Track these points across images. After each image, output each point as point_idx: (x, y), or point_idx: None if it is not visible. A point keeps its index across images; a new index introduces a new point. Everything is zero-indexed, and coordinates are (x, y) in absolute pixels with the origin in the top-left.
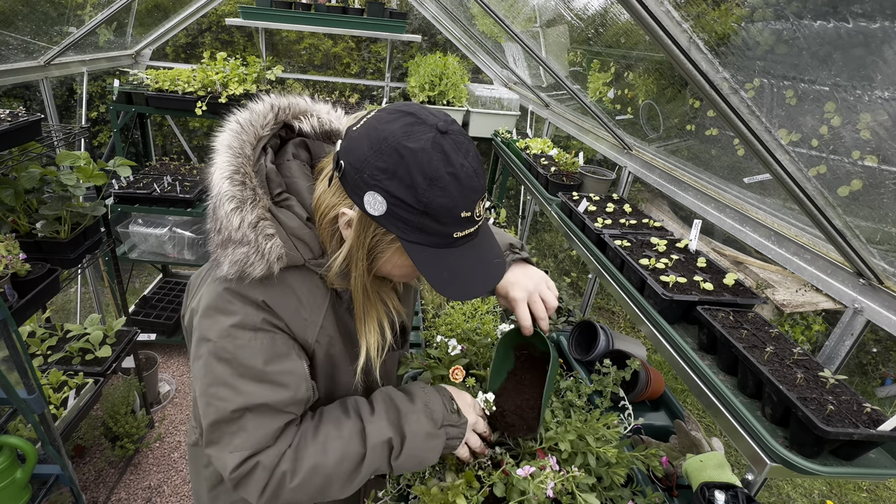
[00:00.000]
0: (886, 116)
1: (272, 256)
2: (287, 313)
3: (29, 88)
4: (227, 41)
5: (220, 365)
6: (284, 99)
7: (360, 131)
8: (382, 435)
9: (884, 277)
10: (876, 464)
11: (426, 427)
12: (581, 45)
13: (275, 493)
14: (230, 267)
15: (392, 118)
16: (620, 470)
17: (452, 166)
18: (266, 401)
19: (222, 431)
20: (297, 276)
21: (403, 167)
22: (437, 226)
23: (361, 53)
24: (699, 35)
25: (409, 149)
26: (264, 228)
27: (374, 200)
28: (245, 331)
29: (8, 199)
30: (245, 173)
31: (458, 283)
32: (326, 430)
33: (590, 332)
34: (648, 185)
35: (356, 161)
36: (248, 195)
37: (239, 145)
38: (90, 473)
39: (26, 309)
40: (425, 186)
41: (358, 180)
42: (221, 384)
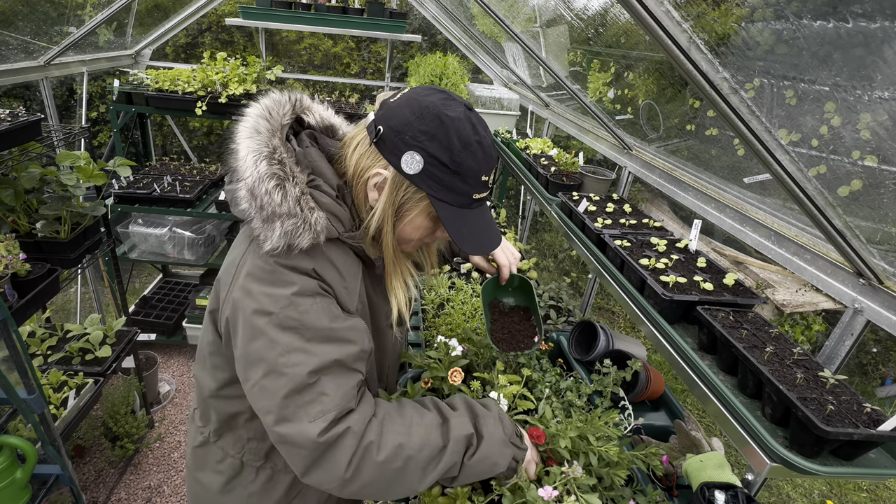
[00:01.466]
0: (886, 116)
1: (318, 227)
2: (332, 282)
3: (29, 88)
4: (227, 41)
5: (286, 334)
6: (295, 93)
7: (399, 102)
8: (465, 429)
9: (884, 277)
10: (876, 464)
11: (501, 434)
12: (581, 45)
13: (360, 465)
14: (279, 239)
15: (429, 93)
16: (621, 470)
17: (479, 135)
18: (338, 356)
19: (297, 403)
20: (333, 248)
21: (444, 131)
22: (463, 186)
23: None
24: (699, 35)
25: (449, 116)
26: (307, 202)
27: (412, 160)
28: (305, 297)
29: (8, 199)
30: (280, 154)
31: (476, 241)
32: (410, 413)
33: (590, 332)
34: (648, 185)
35: (398, 125)
36: (287, 172)
37: (267, 130)
38: (90, 473)
39: (26, 309)
40: (460, 148)
41: (398, 142)
42: (293, 351)
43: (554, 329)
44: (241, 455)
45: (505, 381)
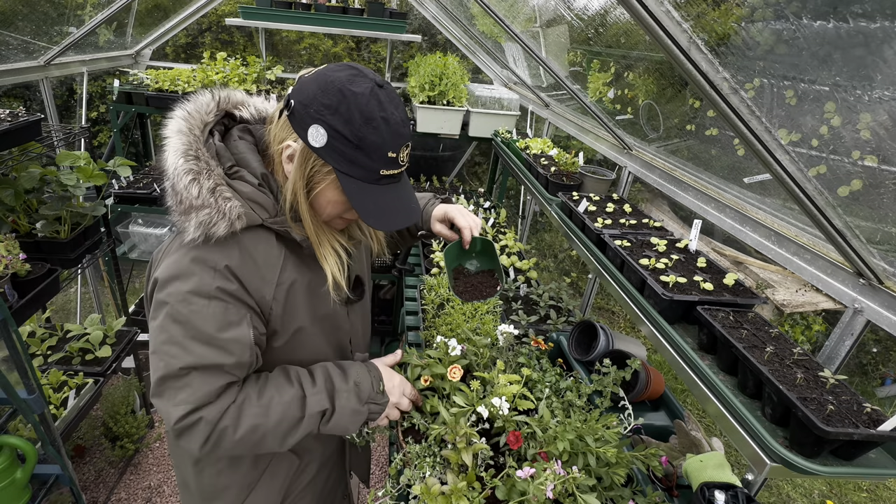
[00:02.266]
0: (886, 116)
1: (233, 215)
2: (245, 275)
3: (29, 88)
4: (227, 41)
5: (174, 326)
6: (224, 91)
7: (311, 77)
8: (320, 405)
9: (884, 277)
10: (876, 464)
11: (353, 405)
12: (581, 45)
13: (216, 444)
14: (195, 230)
15: (340, 69)
16: (620, 470)
17: (385, 111)
18: (212, 362)
19: (168, 386)
20: (254, 237)
21: (345, 105)
22: (367, 160)
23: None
24: (699, 35)
25: (352, 91)
26: (222, 192)
27: (317, 133)
28: (200, 297)
29: (8, 199)
30: (197, 149)
31: (384, 217)
32: (270, 393)
33: (590, 332)
34: (648, 185)
35: (305, 98)
36: (202, 167)
37: (188, 128)
38: (90, 473)
39: (26, 309)
40: (361, 123)
41: (304, 115)
42: (173, 343)
43: (554, 329)
44: None
45: (505, 381)
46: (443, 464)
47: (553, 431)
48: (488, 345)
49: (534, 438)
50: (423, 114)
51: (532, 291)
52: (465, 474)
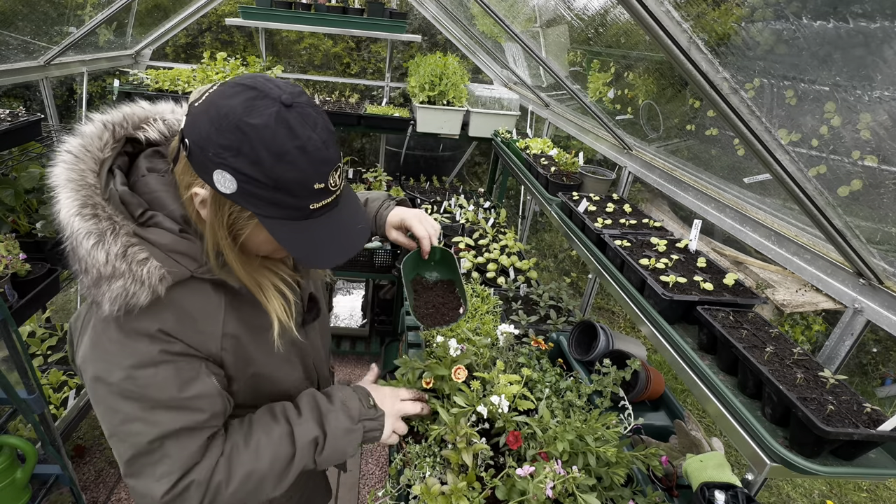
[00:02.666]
0: (886, 116)
1: (153, 280)
2: (184, 334)
3: (29, 88)
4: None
5: (127, 403)
6: (117, 112)
7: (201, 107)
8: (310, 434)
9: (884, 277)
10: (876, 464)
11: (345, 423)
12: (581, 45)
13: (212, 502)
14: (111, 305)
15: (234, 92)
16: (620, 470)
17: (299, 139)
18: (184, 425)
19: (142, 464)
20: (184, 291)
21: (247, 144)
22: (291, 199)
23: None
24: (699, 35)
25: (252, 125)
26: (135, 255)
27: (224, 178)
28: (146, 369)
29: (8, 199)
30: (95, 204)
31: (323, 253)
32: (258, 437)
33: (590, 332)
34: (648, 185)
35: (199, 139)
36: (105, 226)
37: (79, 176)
38: (90, 473)
39: (26, 309)
40: (272, 162)
41: (203, 159)
42: (133, 420)
43: (554, 329)
44: None
45: (505, 381)
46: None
47: (553, 431)
48: (488, 345)
49: (534, 438)
50: (423, 114)
51: (532, 291)
52: (465, 474)
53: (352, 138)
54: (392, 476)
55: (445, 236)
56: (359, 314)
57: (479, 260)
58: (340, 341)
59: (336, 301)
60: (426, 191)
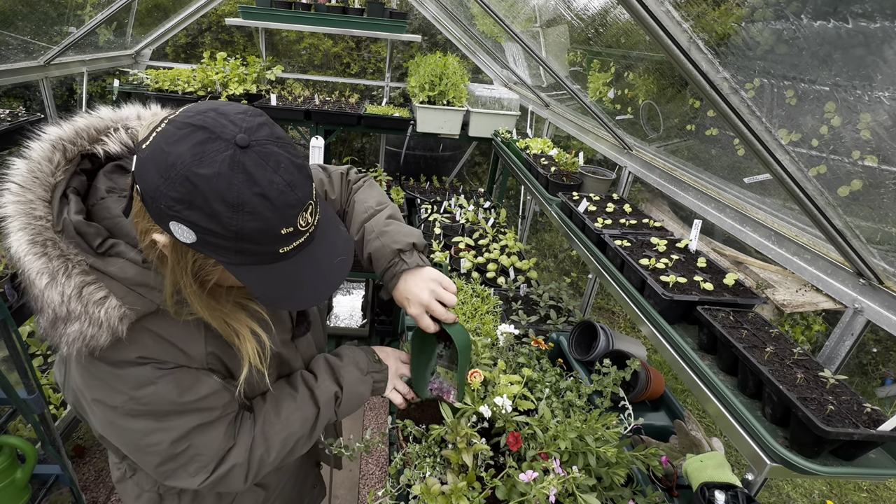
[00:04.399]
0: (886, 116)
1: (112, 321)
2: (167, 356)
3: (29, 88)
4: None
5: (138, 421)
6: (69, 126)
7: (148, 152)
8: (330, 391)
9: (884, 277)
10: (876, 464)
11: (356, 375)
12: (581, 45)
13: (258, 474)
14: (69, 347)
15: (181, 136)
16: (620, 470)
17: (258, 185)
18: (200, 421)
19: (173, 466)
20: (157, 320)
21: (200, 196)
22: (256, 247)
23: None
24: (699, 35)
25: (202, 175)
26: (91, 295)
27: (181, 229)
28: (145, 388)
29: None
30: (46, 239)
31: (297, 295)
32: (286, 406)
33: (590, 332)
34: (648, 185)
35: (149, 189)
36: (57, 266)
37: (27, 208)
38: (90, 473)
39: (26, 309)
40: (230, 214)
41: (156, 209)
42: (149, 433)
43: (554, 329)
44: (157, 488)
45: (506, 381)
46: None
47: (554, 431)
48: (488, 345)
49: (534, 439)
50: (423, 114)
51: (532, 291)
52: (465, 474)
53: (352, 138)
54: (392, 476)
55: (446, 236)
56: (359, 314)
57: (479, 260)
58: (340, 341)
59: (336, 301)
60: (426, 191)
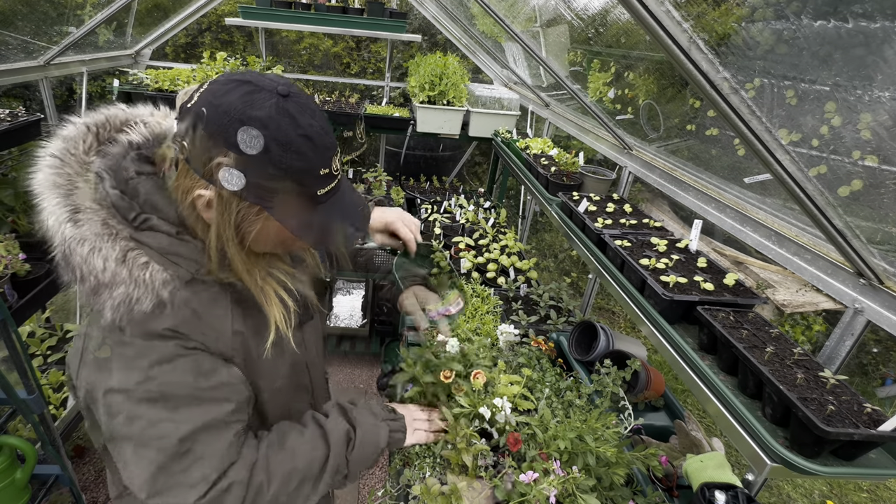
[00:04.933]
0: (887, 116)
1: (156, 284)
2: (195, 331)
3: (29, 88)
4: (227, 41)
5: (150, 408)
6: (99, 114)
7: (196, 108)
8: (341, 429)
9: (884, 277)
10: (876, 464)
11: (371, 419)
12: (581, 45)
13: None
14: (114, 312)
15: (228, 90)
16: (620, 470)
17: (302, 128)
18: (211, 417)
19: (171, 473)
20: (188, 292)
21: None
22: (299, 188)
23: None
24: (699, 35)
25: (255, 118)
26: (135, 259)
27: (230, 176)
28: (162, 365)
29: (8, 199)
30: (86, 208)
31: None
32: (292, 438)
33: (590, 332)
34: (649, 185)
35: None
36: (99, 232)
37: (66, 181)
38: (90, 473)
39: (26, 309)
40: (280, 153)
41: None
42: (158, 423)
43: (554, 329)
44: None
45: (506, 381)
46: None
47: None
48: (488, 345)
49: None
50: (423, 114)
51: (532, 291)
52: (465, 474)
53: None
54: (392, 476)
55: (446, 236)
56: (359, 314)
57: (479, 260)
58: (340, 341)
59: (336, 301)
60: (426, 191)
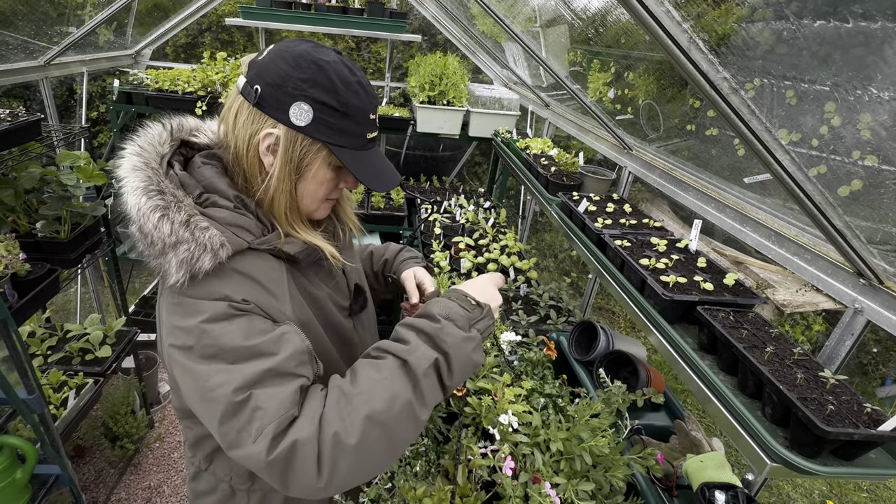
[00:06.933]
0: (886, 116)
1: (215, 244)
2: (254, 297)
3: (29, 88)
4: (227, 41)
5: (207, 364)
6: (175, 118)
7: (269, 57)
8: (428, 359)
9: (884, 277)
10: (876, 464)
11: (460, 333)
12: (581, 45)
13: (334, 462)
14: (178, 270)
15: (299, 43)
16: (619, 472)
17: (356, 76)
18: (268, 367)
19: (234, 427)
20: (245, 261)
21: (324, 75)
22: (355, 127)
23: (361, 53)
24: (699, 35)
25: (325, 60)
26: (197, 223)
27: (300, 111)
28: (218, 322)
29: (8, 199)
30: (159, 183)
31: (379, 178)
32: (365, 377)
33: (590, 332)
34: (648, 185)
35: (276, 78)
36: (169, 200)
37: (144, 164)
38: (90, 473)
39: (26, 309)
40: (344, 89)
41: (281, 95)
42: (215, 374)
43: (554, 329)
44: (230, 479)
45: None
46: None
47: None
48: (489, 347)
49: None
50: (423, 114)
51: (532, 291)
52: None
53: None
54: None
55: (446, 236)
56: None
57: (479, 260)
58: None
59: None
60: (426, 191)
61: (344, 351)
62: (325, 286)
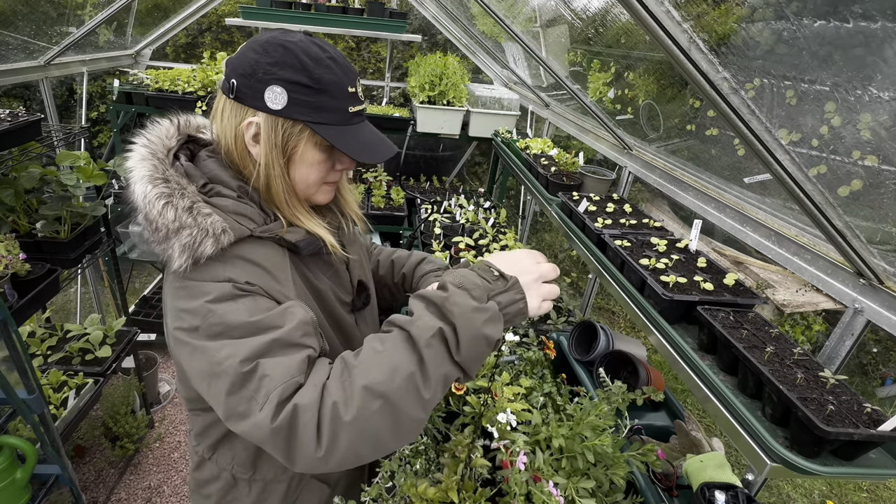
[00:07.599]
0: (887, 116)
1: (217, 230)
2: (258, 280)
3: (29, 88)
4: (227, 41)
5: (214, 341)
6: (181, 115)
7: (240, 50)
8: (431, 329)
9: (884, 277)
10: (876, 464)
11: (469, 304)
12: (581, 45)
13: (333, 432)
14: (181, 255)
15: (266, 34)
16: (619, 470)
17: (327, 52)
18: (273, 338)
19: (244, 394)
20: (249, 247)
21: (291, 55)
22: (333, 102)
23: (361, 53)
24: (699, 35)
25: (291, 41)
26: (200, 209)
27: (274, 94)
28: (224, 302)
29: (8, 199)
30: (164, 172)
31: (368, 150)
32: (368, 348)
33: (590, 332)
34: (648, 185)
35: (247, 68)
36: (173, 187)
37: (151, 154)
38: (90, 473)
39: (26, 309)
40: (314, 65)
41: (253, 83)
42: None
43: (554, 329)
44: (232, 468)
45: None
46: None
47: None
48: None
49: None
50: (423, 114)
51: None
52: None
53: None
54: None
55: (446, 236)
56: None
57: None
58: None
59: None
60: (426, 191)
61: (346, 346)
62: (326, 279)
